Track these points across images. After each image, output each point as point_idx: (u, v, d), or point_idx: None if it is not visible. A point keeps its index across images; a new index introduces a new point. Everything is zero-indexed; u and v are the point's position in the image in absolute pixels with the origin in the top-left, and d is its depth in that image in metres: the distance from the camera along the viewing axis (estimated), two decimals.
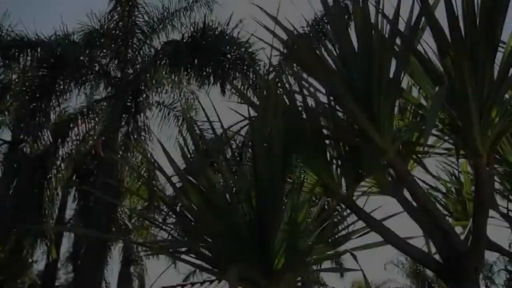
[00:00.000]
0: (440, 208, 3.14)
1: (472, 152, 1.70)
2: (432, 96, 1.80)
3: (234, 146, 9.13)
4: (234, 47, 10.74)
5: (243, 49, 10.66)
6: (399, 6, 1.70)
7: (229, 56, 10.40)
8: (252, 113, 2.22)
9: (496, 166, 2.56)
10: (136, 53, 11.82)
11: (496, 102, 1.67)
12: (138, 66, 11.73)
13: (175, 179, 2.20)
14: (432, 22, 1.56)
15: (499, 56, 1.76)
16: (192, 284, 12.44)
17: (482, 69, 1.59)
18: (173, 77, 11.42)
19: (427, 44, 1.72)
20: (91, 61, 11.24)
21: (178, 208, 2.39)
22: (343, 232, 2.44)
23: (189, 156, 2.29)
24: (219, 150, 2.21)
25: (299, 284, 2.35)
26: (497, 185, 2.67)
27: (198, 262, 2.13)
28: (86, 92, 11.72)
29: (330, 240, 2.08)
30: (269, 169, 1.90)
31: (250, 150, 2.02)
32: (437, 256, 2.08)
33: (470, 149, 1.70)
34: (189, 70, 10.56)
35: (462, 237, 2.21)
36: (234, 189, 2.11)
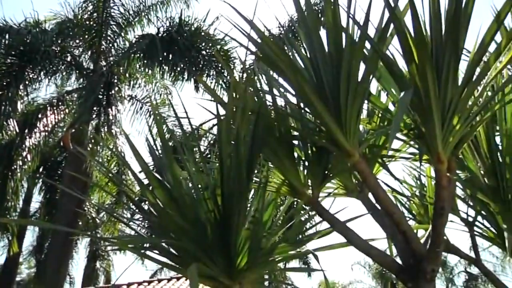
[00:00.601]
0: (405, 211, 3.21)
1: (434, 158, 1.74)
2: (398, 101, 1.84)
3: (206, 144, 9.10)
4: (210, 44, 10.70)
5: (218, 46, 10.63)
6: (369, 11, 1.73)
7: (204, 53, 10.36)
8: (222, 111, 2.22)
9: (459, 172, 2.63)
10: (110, 45, 11.65)
11: (458, 110, 1.71)
12: (111, 58, 11.56)
13: (142, 175, 2.19)
14: (399, 29, 1.59)
15: (464, 65, 1.82)
16: (159, 280, 12.36)
17: (445, 77, 1.63)
18: (146, 71, 11.30)
19: (396, 49, 1.75)
20: (63, 51, 11.01)
21: (145, 204, 2.38)
22: (308, 232, 2.47)
23: (156, 152, 2.27)
24: (186, 146, 2.20)
25: (266, 283, 2.37)
26: (460, 191, 2.75)
27: (162, 259, 2.12)
28: (57, 83, 11.49)
29: (294, 240, 2.09)
30: (235, 168, 1.90)
31: (217, 148, 2.02)
32: (398, 258, 2.14)
33: (432, 155, 1.75)
34: (163, 65, 10.47)
35: (423, 240, 2.27)
36: (200, 186, 2.10)
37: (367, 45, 1.81)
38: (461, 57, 1.66)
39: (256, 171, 2.25)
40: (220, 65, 10.31)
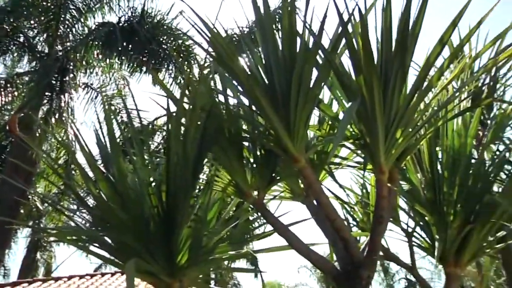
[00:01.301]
0: (350, 218, 3.30)
1: (376, 168, 1.80)
2: (345, 111, 1.89)
3: (160, 139, 8.98)
4: (172, 39, 10.57)
5: (180, 41, 10.52)
6: (324, 21, 1.77)
7: (165, 46, 10.22)
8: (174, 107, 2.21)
9: (403, 183, 2.73)
10: (68, 30, 11.27)
11: (402, 124, 1.78)
12: (68, 44, 11.19)
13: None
14: (349, 44, 1.64)
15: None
16: (103, 274, 12.06)
17: (392, 91, 1.69)
18: (104, 60, 11.01)
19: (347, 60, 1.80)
20: (15, 31, 10.55)
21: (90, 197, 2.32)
22: (253, 233, 2.50)
23: (104, 144, 2.23)
24: (136, 140, 2.17)
25: (212, 282, 2.37)
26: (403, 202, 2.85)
27: (103, 253, 2.09)
28: (7, 63, 11.00)
29: (236, 240, 2.11)
30: (182, 165, 1.89)
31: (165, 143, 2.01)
32: (337, 264, 2.19)
33: (374, 165, 1.81)
34: (121, 55, 10.24)
35: (363, 246, 2.34)
36: (145, 181, 2.08)
37: (321, 53, 1.85)
38: (408, 74, 1.73)
39: (204, 170, 2.25)
40: (180, 60, 10.20)
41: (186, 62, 10.09)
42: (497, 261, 3.72)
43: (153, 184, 2.03)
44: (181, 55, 10.20)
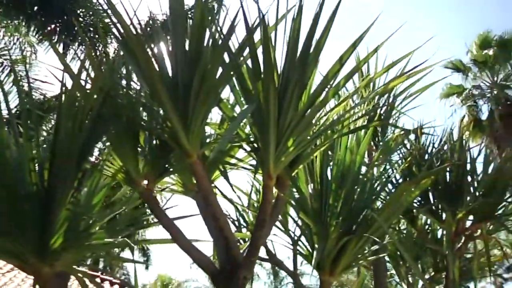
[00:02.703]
0: (241, 219, 3.37)
1: (265, 173, 1.85)
2: (239, 113, 1.92)
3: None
4: (90, 13, 10.03)
5: (99, 18, 10.02)
6: (234, 21, 1.78)
7: (81, 20, 9.67)
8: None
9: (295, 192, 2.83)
10: None
11: (295, 133, 1.85)
12: None
13: None
14: (251, 50, 1.67)
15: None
16: None
17: (288, 102, 1.75)
18: (9, 22, 10.15)
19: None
20: None
21: None
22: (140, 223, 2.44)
23: None
24: (22, 113, 2.02)
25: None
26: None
27: None
28: None
29: (116, 228, 2.05)
30: (69, 144, 1.80)
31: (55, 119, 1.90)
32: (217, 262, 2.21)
33: (263, 170, 1.85)
34: (30, 20, 9.52)
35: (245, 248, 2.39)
36: (28, 156, 1.95)
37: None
38: (306, 86, 1.80)
39: (95, 153, 2.16)
40: (97, 36, 9.71)
41: (101, 40, 9.63)
42: (370, 272, 3.99)
43: (36, 160, 1.91)
44: (97, 32, 9.72)
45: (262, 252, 2.94)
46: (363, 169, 2.80)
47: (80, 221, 1.89)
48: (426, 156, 3.54)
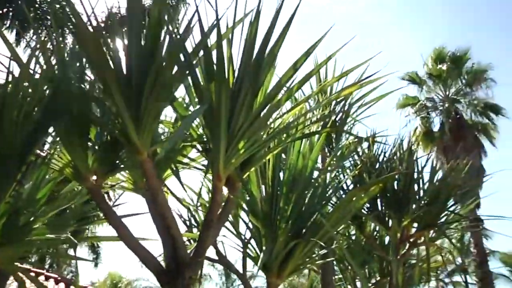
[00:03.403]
0: (192, 219, 3.34)
1: (214, 174, 1.85)
2: (191, 113, 1.91)
3: None
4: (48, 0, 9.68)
5: (58, 7, 9.69)
6: (191, 22, 1.78)
7: (37, 6, 9.31)
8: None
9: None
10: None
11: (246, 136, 1.86)
12: None
13: None
14: (206, 53, 1.67)
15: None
16: None
17: (241, 105, 1.76)
18: None
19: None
20: None
21: None
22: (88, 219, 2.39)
23: None
24: None
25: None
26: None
27: None
28: None
29: (59, 223, 1.99)
30: (13, 136, 1.74)
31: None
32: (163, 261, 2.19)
33: (213, 171, 1.85)
34: None
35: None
36: None
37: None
38: (260, 90, 1.82)
39: (41, 146, 2.10)
40: (51, 26, 9.37)
41: (59, 30, 9.31)
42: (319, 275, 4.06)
43: None
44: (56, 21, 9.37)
45: (213, 253, 2.93)
46: (315, 174, 2.84)
47: (20, 216, 1.83)
48: (377, 164, 3.63)
